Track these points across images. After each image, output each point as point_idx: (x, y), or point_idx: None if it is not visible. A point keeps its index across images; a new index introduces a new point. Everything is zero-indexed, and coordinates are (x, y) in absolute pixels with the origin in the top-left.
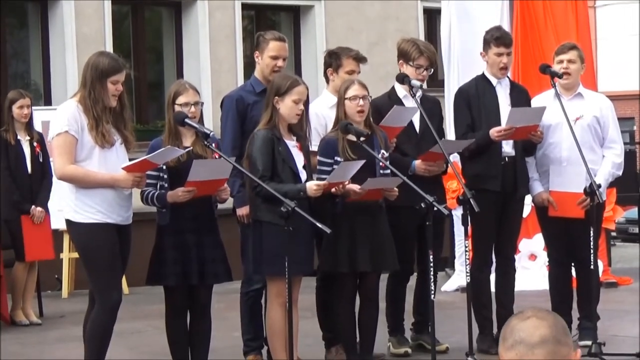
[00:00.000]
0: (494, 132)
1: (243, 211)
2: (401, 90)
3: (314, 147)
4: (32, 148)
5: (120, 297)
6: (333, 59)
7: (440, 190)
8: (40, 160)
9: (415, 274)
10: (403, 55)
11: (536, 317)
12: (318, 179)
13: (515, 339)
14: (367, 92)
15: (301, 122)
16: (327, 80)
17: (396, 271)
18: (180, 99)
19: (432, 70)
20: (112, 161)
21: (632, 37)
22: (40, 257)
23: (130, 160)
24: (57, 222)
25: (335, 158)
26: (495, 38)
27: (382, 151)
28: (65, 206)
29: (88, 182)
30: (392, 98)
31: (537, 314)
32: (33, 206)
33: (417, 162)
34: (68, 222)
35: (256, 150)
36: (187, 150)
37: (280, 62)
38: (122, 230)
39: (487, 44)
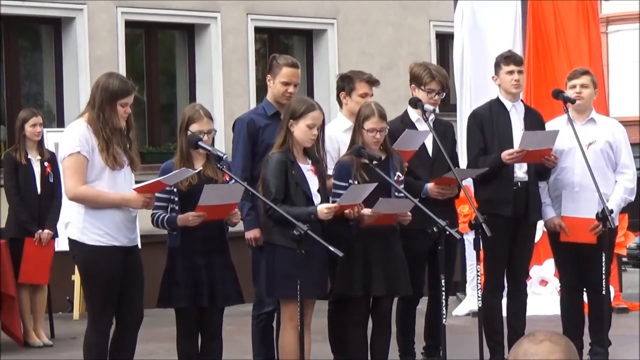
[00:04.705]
0: (505, 154)
1: (251, 234)
2: (414, 114)
3: (329, 170)
4: (43, 168)
5: (111, 321)
6: (346, 83)
7: (452, 214)
8: (51, 180)
9: (426, 297)
10: (415, 80)
11: (550, 341)
12: (333, 202)
13: None
14: (386, 121)
15: (317, 146)
16: (340, 104)
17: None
18: (194, 127)
19: (444, 94)
20: (121, 182)
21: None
22: (33, 281)
23: (137, 182)
24: (66, 244)
25: (350, 181)
26: (505, 57)
27: (398, 173)
28: (70, 225)
29: (99, 202)
30: (405, 122)
31: (550, 338)
32: (40, 230)
33: (430, 185)
34: (72, 241)
35: (270, 173)
36: (197, 171)
37: (291, 89)
38: (129, 251)
39: (497, 65)
